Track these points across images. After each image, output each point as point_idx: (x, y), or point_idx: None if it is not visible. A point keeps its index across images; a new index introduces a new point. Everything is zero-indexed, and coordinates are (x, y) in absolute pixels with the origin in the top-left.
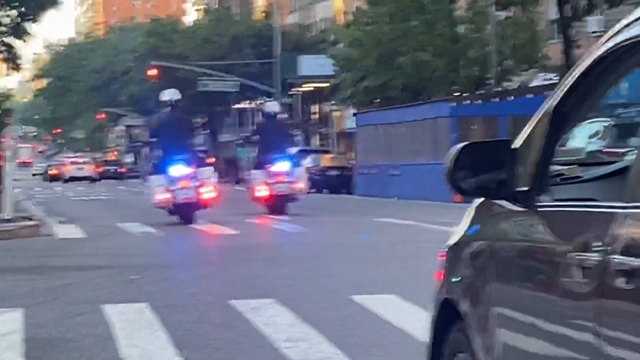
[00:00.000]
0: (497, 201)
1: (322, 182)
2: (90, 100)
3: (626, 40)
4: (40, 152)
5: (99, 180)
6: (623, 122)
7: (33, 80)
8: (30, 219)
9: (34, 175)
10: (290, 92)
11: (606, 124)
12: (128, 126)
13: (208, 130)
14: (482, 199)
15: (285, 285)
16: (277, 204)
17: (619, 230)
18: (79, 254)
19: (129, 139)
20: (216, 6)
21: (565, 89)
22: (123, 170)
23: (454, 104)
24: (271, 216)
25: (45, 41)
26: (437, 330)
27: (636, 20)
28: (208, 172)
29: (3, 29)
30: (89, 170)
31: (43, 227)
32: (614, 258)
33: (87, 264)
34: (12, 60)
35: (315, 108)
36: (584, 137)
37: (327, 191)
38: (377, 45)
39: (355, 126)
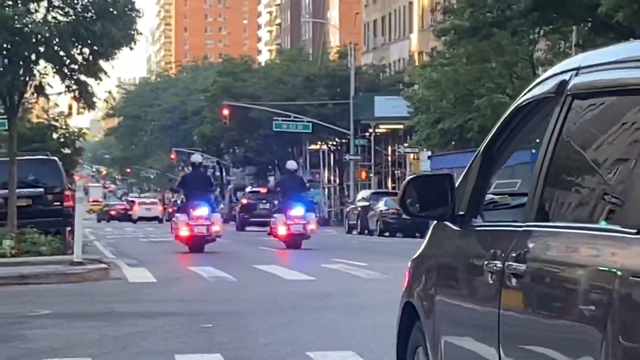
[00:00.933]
0: (445, 222)
1: (396, 226)
2: (161, 140)
3: (532, 97)
4: (110, 191)
5: (168, 220)
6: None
7: (104, 119)
8: (100, 262)
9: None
10: (364, 134)
11: None
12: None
13: (278, 189)
14: (435, 222)
15: (364, 336)
16: (293, 240)
17: (514, 243)
18: (148, 299)
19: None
20: (289, 46)
21: (492, 134)
22: None
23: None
24: (350, 262)
25: (118, 80)
26: (401, 329)
27: (541, 81)
28: (217, 215)
29: (76, 66)
30: (157, 210)
31: (113, 270)
32: (509, 264)
33: (157, 311)
34: (86, 99)
35: (389, 150)
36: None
37: (400, 235)
38: (454, 87)
39: (430, 169)
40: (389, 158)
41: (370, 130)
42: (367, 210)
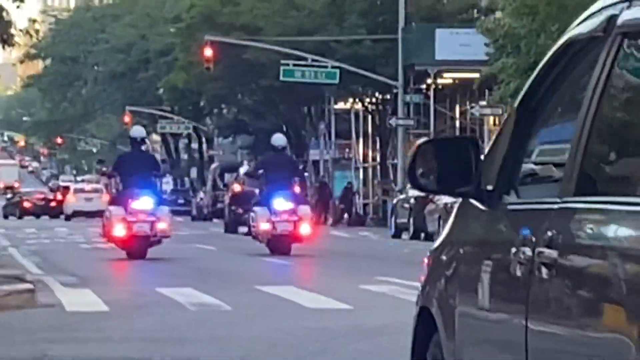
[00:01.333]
0: (471, 201)
1: None
2: (109, 95)
3: (577, 36)
4: (31, 172)
5: None
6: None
7: (23, 62)
8: (22, 280)
9: (4, 207)
10: (419, 86)
11: None
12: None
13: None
14: (461, 201)
15: None
16: (278, 243)
17: (547, 224)
18: (98, 337)
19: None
20: None
21: (529, 84)
22: None
23: None
24: (401, 281)
25: (44, 4)
26: (416, 344)
27: (588, 16)
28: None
29: None
30: (101, 201)
31: (41, 292)
32: (540, 251)
33: (112, 355)
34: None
35: (456, 110)
36: None
37: None
38: (558, 15)
39: None
40: (457, 122)
41: (429, 80)
42: (424, 203)
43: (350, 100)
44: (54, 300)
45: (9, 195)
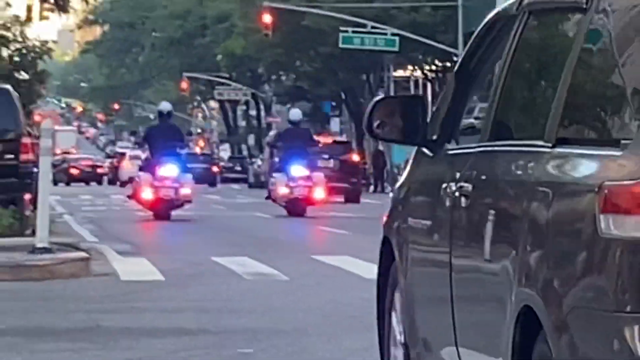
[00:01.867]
0: (422, 149)
1: None
2: (166, 61)
3: (501, 12)
4: (88, 138)
5: None
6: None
7: (80, 28)
8: (77, 248)
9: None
10: None
11: None
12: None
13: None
14: (416, 149)
15: None
16: (295, 206)
17: (468, 164)
18: (153, 307)
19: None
20: None
21: (463, 55)
22: (216, 169)
23: None
24: None
25: None
26: (380, 270)
27: None
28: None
29: None
30: None
31: (96, 261)
32: (460, 185)
33: (166, 326)
34: None
35: None
36: None
37: None
38: None
39: None
40: None
41: None
42: None
43: (410, 67)
44: (108, 269)
45: (56, 158)
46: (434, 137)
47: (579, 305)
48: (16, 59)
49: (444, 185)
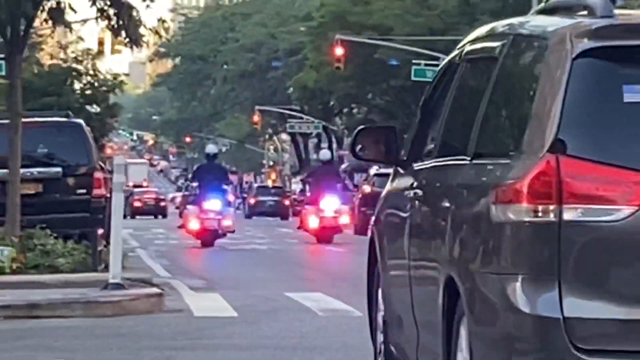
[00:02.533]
0: (397, 167)
1: None
2: (238, 94)
3: (450, 60)
4: (161, 171)
5: (249, 217)
6: None
7: (152, 61)
8: (150, 284)
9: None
10: None
11: None
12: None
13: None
14: (394, 167)
15: None
16: (324, 235)
17: (422, 175)
18: (226, 344)
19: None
20: None
21: (426, 93)
22: (287, 202)
23: None
24: None
25: (174, 2)
26: (370, 260)
27: (457, 49)
28: (230, 209)
29: None
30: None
31: (169, 297)
32: (415, 191)
33: None
34: (127, 29)
35: None
36: None
37: None
38: None
39: None
40: None
41: None
42: None
43: None
44: (181, 305)
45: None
46: (405, 158)
47: (479, 271)
48: (88, 92)
49: (407, 192)
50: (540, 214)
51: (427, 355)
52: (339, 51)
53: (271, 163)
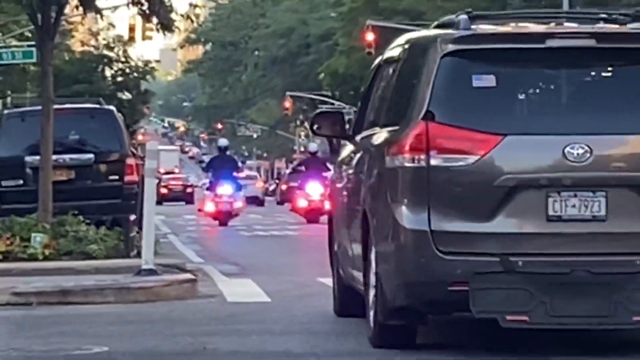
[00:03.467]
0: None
1: None
2: (269, 80)
3: (379, 60)
4: (191, 157)
5: (281, 203)
6: None
7: (183, 47)
8: (183, 270)
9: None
10: None
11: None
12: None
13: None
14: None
15: None
16: (312, 215)
17: (360, 144)
18: (259, 330)
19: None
20: None
21: (365, 87)
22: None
23: None
24: None
25: None
26: (330, 221)
27: (382, 54)
28: (240, 193)
29: None
30: (256, 187)
31: (202, 282)
32: (352, 156)
33: (273, 349)
34: (158, 15)
35: None
36: None
37: None
38: None
39: None
40: None
41: None
42: None
43: None
44: (214, 290)
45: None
46: (350, 133)
47: (379, 202)
48: (119, 78)
49: (350, 156)
50: (415, 161)
51: (358, 270)
52: (370, 36)
53: (302, 149)
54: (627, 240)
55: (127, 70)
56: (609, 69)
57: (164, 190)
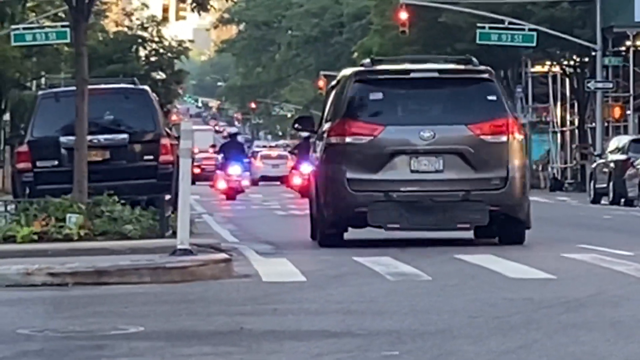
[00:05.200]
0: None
1: None
2: (303, 60)
3: (336, 80)
4: (225, 137)
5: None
6: None
7: (216, 27)
8: (218, 249)
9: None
10: (618, 48)
11: None
12: None
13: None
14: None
15: None
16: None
17: (319, 136)
18: (296, 309)
19: None
20: None
21: (323, 101)
22: None
23: None
24: (605, 249)
25: None
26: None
27: (337, 77)
28: (247, 173)
29: None
30: (287, 167)
31: (237, 262)
32: (318, 142)
33: (309, 328)
34: None
35: None
36: None
37: None
38: None
39: None
40: None
41: (629, 42)
42: (623, 167)
43: (548, 63)
44: (250, 270)
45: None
46: (317, 130)
47: (321, 163)
48: (153, 59)
49: (317, 143)
50: (340, 140)
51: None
52: (404, 15)
53: None
54: (454, 183)
55: (161, 50)
56: (445, 88)
57: (197, 170)
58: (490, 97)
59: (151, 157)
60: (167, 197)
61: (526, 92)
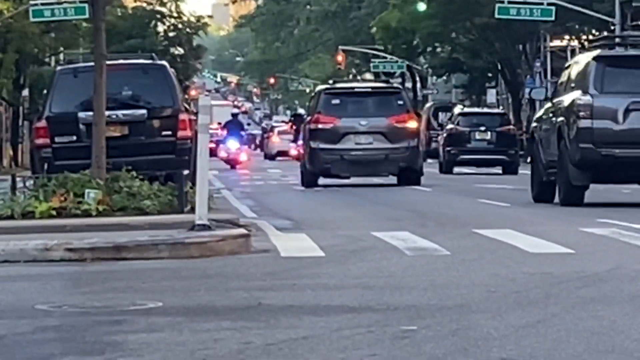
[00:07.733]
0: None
1: None
2: (321, 35)
3: (316, 91)
4: (244, 112)
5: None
6: None
7: (235, 2)
8: (237, 225)
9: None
10: (637, 22)
11: None
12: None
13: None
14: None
15: None
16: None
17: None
18: (314, 284)
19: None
20: None
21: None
22: None
23: None
24: (625, 223)
25: None
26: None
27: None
28: (245, 147)
29: None
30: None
31: (256, 237)
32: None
33: (328, 303)
34: None
35: None
36: None
37: None
38: None
39: None
40: None
41: None
42: None
43: (566, 37)
44: (268, 245)
45: None
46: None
47: (305, 140)
48: (172, 34)
49: (305, 128)
50: (314, 126)
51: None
52: None
53: None
54: (379, 150)
55: (180, 26)
56: (374, 97)
57: (212, 145)
58: (399, 102)
59: (169, 132)
60: (186, 172)
61: (545, 67)
